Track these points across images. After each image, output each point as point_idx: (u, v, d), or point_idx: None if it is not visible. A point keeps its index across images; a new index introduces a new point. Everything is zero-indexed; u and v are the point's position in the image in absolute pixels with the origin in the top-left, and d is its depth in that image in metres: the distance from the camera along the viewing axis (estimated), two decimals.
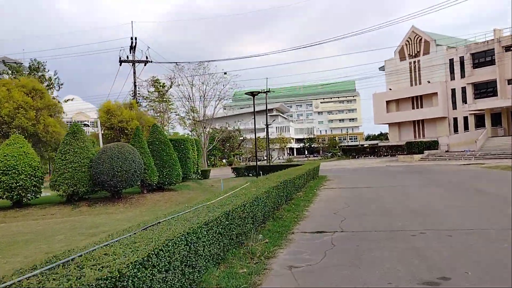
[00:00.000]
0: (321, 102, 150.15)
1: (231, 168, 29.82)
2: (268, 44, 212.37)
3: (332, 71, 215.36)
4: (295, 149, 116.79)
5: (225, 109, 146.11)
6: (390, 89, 55.62)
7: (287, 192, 11.80)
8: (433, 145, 41.70)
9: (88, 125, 69.97)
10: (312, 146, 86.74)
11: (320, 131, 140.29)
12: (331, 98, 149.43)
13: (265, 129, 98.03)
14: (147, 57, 29.28)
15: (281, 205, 10.76)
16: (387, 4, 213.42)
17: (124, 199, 14.74)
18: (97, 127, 22.73)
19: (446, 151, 43.22)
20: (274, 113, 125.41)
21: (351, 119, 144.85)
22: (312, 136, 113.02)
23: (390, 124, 57.03)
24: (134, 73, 29.11)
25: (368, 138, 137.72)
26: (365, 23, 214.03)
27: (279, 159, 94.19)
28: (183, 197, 15.93)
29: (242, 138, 71.82)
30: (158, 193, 16.61)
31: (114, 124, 20.66)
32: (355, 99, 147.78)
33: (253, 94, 25.18)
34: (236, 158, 71.60)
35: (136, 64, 30.69)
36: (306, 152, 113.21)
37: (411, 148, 39.95)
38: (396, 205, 10.85)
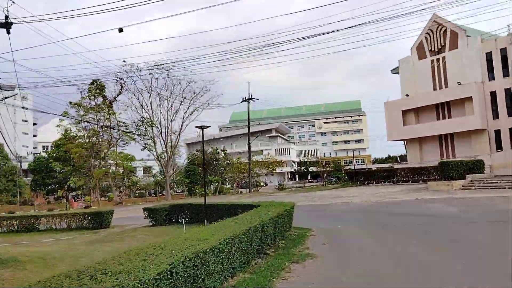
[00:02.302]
0: (324, 123, 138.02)
1: (143, 209, 17.37)
2: (274, 70, 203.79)
3: (337, 95, 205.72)
4: (296, 174, 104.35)
5: (220, 130, 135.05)
6: (407, 95, 43.30)
7: None
8: (478, 166, 29.08)
9: None
10: (308, 170, 73.79)
11: (324, 153, 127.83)
12: (335, 118, 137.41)
13: (262, 151, 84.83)
14: (7, 17, 17.15)
15: None
16: (387, 32, 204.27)
17: None
18: None
19: (495, 176, 30.48)
20: (273, 133, 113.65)
21: (357, 141, 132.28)
22: (315, 159, 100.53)
23: (408, 141, 44.39)
24: None
25: (376, 161, 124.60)
26: (365, 51, 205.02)
27: (280, 183, 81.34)
28: None
29: (226, 162, 59.09)
30: None
31: None
32: (361, 119, 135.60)
33: None
34: (221, 184, 58.48)
35: None
36: (309, 177, 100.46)
37: (447, 171, 27.27)
38: None
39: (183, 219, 13.91)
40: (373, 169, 50.78)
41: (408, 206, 17.92)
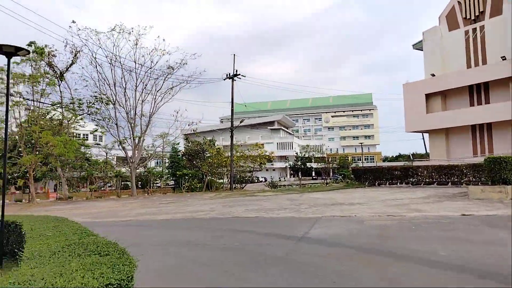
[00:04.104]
0: (332, 116, 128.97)
1: None
2: (285, 65, 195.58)
3: (348, 91, 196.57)
4: (299, 170, 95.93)
5: (221, 121, 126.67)
6: (433, 75, 34.46)
7: None
8: None
9: None
10: (305, 165, 65.10)
11: (331, 149, 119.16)
12: (344, 111, 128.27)
13: (263, 144, 75.41)
14: None
15: None
16: (403, 27, 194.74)
17: None
18: None
19: None
20: (276, 126, 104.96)
21: (367, 137, 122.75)
22: (320, 154, 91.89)
23: (432, 132, 35.56)
24: None
25: (386, 159, 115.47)
26: (381, 45, 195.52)
27: (280, 179, 72.28)
28: None
29: (212, 153, 50.24)
30: None
31: None
32: (372, 113, 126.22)
33: None
34: (210, 177, 49.21)
35: None
36: (313, 173, 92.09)
37: (499, 171, 18.55)
38: None
39: None
40: (384, 166, 42.01)
41: (461, 234, 9.35)
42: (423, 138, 38.52)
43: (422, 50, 36.78)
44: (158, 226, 13.20)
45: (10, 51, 6.30)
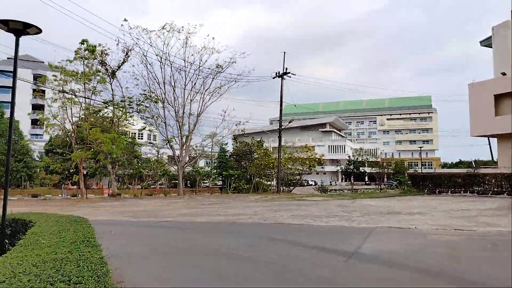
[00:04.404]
0: (387, 119, 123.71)
1: None
2: (339, 66, 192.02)
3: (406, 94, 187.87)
4: (352, 174, 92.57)
5: (271, 123, 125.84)
6: (504, 74, 31.14)
7: None
8: None
9: None
10: (358, 169, 61.92)
11: (385, 153, 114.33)
12: (400, 114, 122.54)
13: (314, 146, 73.08)
14: None
15: None
16: (466, 24, 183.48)
17: None
18: None
19: None
20: (327, 128, 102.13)
21: (425, 141, 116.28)
22: (374, 159, 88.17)
23: (500, 137, 32.15)
24: None
25: (445, 166, 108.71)
26: (442, 43, 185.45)
27: (331, 183, 69.91)
28: None
29: (259, 154, 49.25)
30: None
31: None
32: (431, 117, 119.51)
33: None
34: (257, 179, 48.28)
35: None
36: (366, 178, 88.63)
37: None
38: None
39: None
40: (445, 173, 38.72)
41: None
42: (489, 143, 35.05)
43: (491, 47, 33.47)
44: (194, 229, 12.33)
45: (18, 28, 5.59)
